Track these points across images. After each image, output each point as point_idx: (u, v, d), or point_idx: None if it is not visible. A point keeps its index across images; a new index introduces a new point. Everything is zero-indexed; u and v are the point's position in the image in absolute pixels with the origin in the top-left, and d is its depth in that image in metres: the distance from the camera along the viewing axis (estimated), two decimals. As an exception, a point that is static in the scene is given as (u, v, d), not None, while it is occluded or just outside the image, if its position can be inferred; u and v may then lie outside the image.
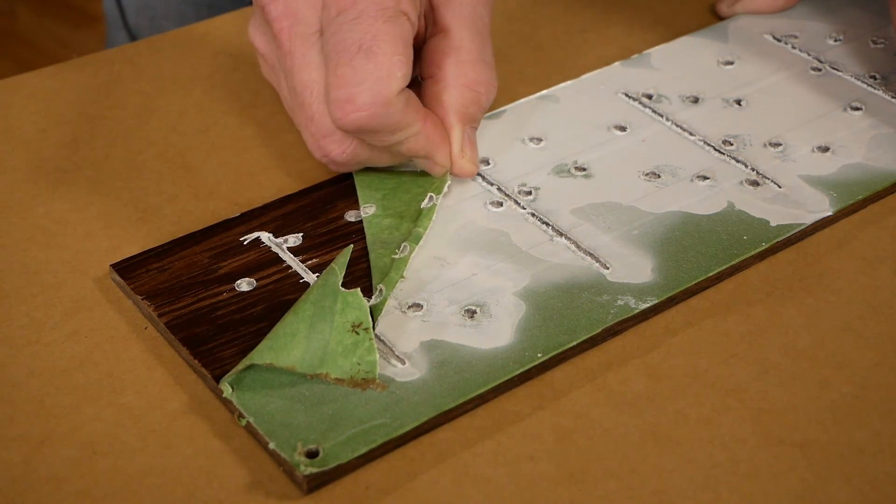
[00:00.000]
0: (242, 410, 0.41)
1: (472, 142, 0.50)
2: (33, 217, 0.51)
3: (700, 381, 0.43)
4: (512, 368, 0.42)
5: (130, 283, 0.46)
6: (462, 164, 0.50)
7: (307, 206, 0.50)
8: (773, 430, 0.41)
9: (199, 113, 0.57)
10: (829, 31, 0.62)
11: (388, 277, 0.45)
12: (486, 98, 0.50)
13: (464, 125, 0.49)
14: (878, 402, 0.42)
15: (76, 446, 0.40)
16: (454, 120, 0.49)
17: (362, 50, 0.45)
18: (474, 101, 0.50)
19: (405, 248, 0.47)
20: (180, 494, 0.39)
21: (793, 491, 0.39)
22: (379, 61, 0.45)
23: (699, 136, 0.54)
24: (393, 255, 0.47)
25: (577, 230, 0.49)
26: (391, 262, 0.46)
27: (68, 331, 0.45)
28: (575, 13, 0.64)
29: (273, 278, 0.46)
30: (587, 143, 0.54)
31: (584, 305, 0.45)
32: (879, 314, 0.46)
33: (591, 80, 0.58)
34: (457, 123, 0.49)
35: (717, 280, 0.47)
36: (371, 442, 0.40)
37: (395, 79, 0.45)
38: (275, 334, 0.42)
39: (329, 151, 0.48)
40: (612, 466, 0.40)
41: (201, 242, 0.48)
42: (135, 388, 0.43)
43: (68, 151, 0.54)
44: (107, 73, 0.60)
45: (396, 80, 0.45)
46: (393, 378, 0.42)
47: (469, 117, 0.50)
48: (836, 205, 0.50)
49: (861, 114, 0.56)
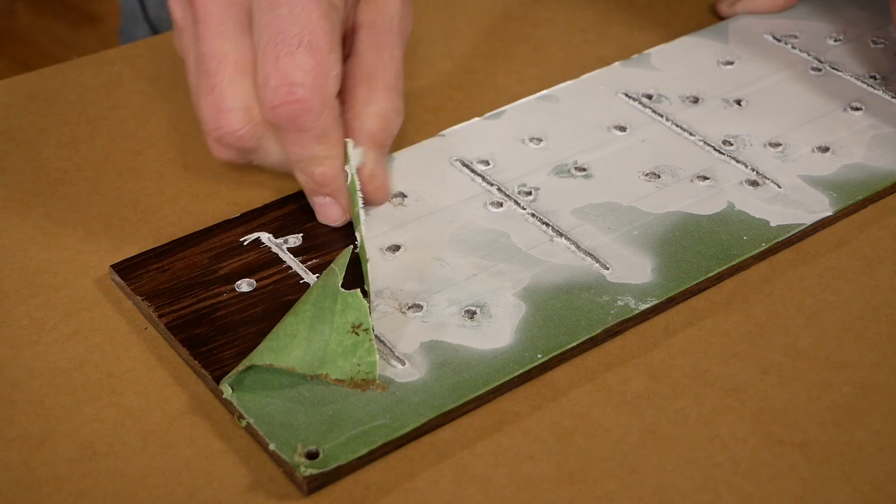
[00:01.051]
0: (242, 411, 0.41)
1: (383, 166, 0.50)
2: (33, 217, 0.51)
3: (700, 381, 0.43)
4: (512, 369, 0.42)
5: (130, 284, 0.46)
6: (372, 191, 0.49)
7: (307, 207, 0.50)
8: (773, 430, 0.41)
9: (199, 113, 0.57)
10: (829, 31, 0.62)
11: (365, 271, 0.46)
12: (395, 125, 0.50)
13: (374, 151, 0.49)
14: (878, 402, 0.42)
15: (76, 446, 0.40)
16: (366, 145, 0.49)
17: (303, 44, 0.45)
18: (383, 128, 0.49)
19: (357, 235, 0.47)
20: (180, 494, 0.39)
21: (793, 491, 0.39)
22: (320, 58, 0.45)
23: (699, 136, 0.54)
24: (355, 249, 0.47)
25: (577, 230, 0.49)
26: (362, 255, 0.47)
27: (68, 331, 0.45)
28: (575, 13, 0.64)
29: (273, 279, 0.46)
30: (587, 144, 0.54)
31: (584, 306, 0.45)
32: (879, 314, 0.46)
33: (591, 80, 0.58)
34: (368, 148, 0.49)
35: (717, 280, 0.47)
36: (371, 443, 0.40)
37: (332, 77, 0.45)
38: (275, 335, 0.42)
39: (225, 125, 0.46)
40: (612, 466, 0.40)
41: (201, 243, 0.48)
42: (135, 389, 0.43)
43: (68, 151, 0.54)
44: (107, 73, 0.60)
45: (333, 79, 0.45)
46: (393, 379, 0.42)
47: (378, 142, 0.49)
48: (836, 205, 0.50)
49: (861, 114, 0.56)
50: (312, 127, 0.46)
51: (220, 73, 0.46)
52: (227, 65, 0.46)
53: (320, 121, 0.45)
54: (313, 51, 0.45)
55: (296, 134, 0.46)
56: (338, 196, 0.48)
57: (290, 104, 0.45)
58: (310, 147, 0.46)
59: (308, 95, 0.45)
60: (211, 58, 0.46)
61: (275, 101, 0.45)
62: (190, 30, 0.48)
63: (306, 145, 0.46)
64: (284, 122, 0.46)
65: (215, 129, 0.47)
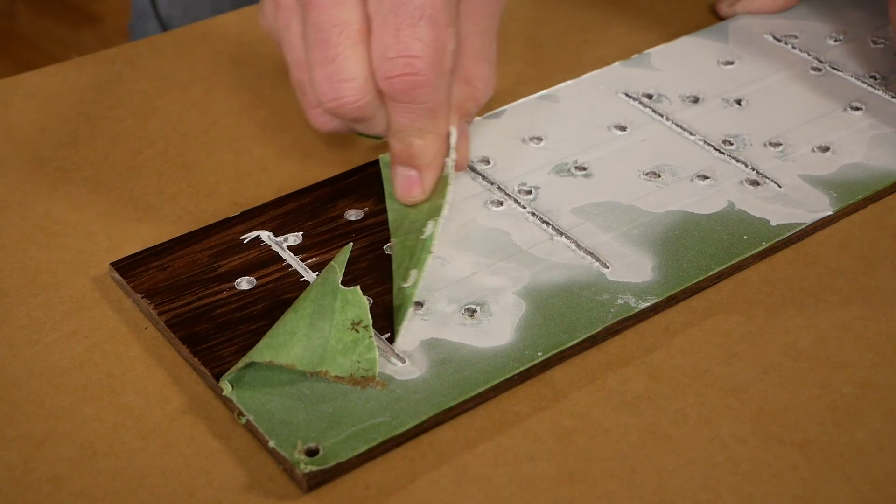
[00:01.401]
0: (242, 409, 0.41)
1: (465, 135, 0.50)
2: (33, 217, 0.51)
3: (700, 381, 0.43)
4: (512, 367, 0.42)
5: (130, 282, 0.46)
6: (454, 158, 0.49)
7: (307, 205, 0.50)
8: (773, 430, 0.41)
9: (199, 113, 0.57)
10: (829, 31, 0.62)
11: (417, 258, 0.45)
12: (484, 95, 0.50)
13: (459, 119, 0.49)
14: (878, 402, 0.42)
15: (76, 446, 0.40)
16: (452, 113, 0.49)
17: (425, 17, 0.44)
18: (471, 97, 0.49)
19: (429, 225, 0.46)
20: (180, 494, 0.39)
21: (793, 491, 0.39)
22: (439, 32, 0.44)
23: (699, 135, 0.54)
24: (420, 235, 0.46)
25: (577, 229, 0.49)
26: (417, 243, 0.46)
27: (68, 331, 0.45)
28: (575, 13, 0.64)
29: (273, 277, 0.46)
30: (587, 143, 0.54)
31: (584, 304, 0.45)
32: (879, 314, 0.46)
33: (591, 80, 0.58)
34: (453, 117, 0.49)
35: (717, 280, 0.47)
36: (371, 440, 0.40)
37: (449, 52, 0.45)
38: (274, 332, 0.42)
39: (345, 95, 0.45)
40: (612, 466, 0.40)
41: (201, 241, 0.48)
42: (135, 388, 0.43)
43: (68, 151, 0.54)
44: (107, 73, 0.60)
45: (450, 53, 0.45)
46: (393, 376, 0.42)
47: (464, 111, 0.49)
48: (836, 205, 0.50)
49: (861, 114, 0.56)
50: (426, 100, 0.45)
51: (342, 43, 0.45)
52: (349, 34, 0.45)
53: (438, 92, 0.45)
54: (434, 24, 0.44)
55: (406, 105, 0.46)
56: (425, 173, 0.48)
57: (407, 76, 0.44)
58: (418, 119, 0.46)
59: (426, 69, 0.44)
60: (331, 27, 0.45)
61: (393, 71, 0.44)
62: (291, 6, 0.47)
63: (415, 117, 0.46)
64: (399, 93, 0.45)
65: (333, 99, 0.46)
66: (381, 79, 0.45)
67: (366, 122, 0.47)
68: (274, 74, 0.59)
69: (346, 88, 0.45)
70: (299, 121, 0.56)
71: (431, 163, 0.48)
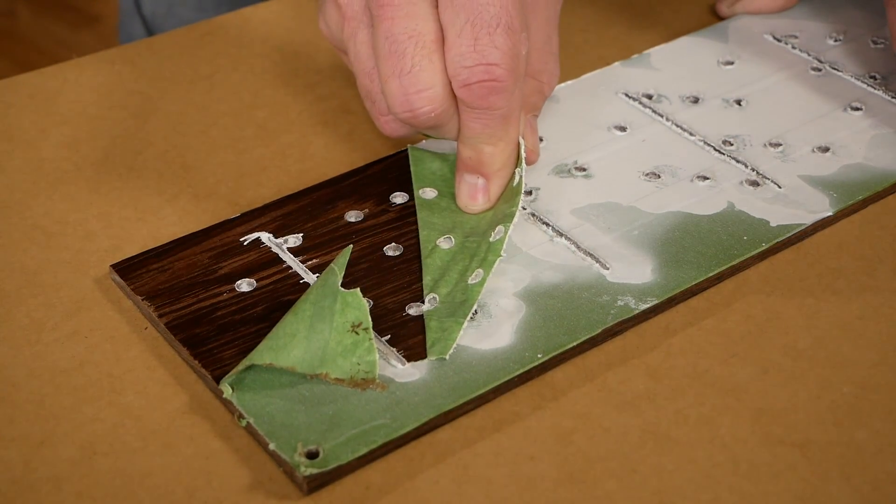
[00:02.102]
0: (242, 411, 0.41)
1: (533, 129, 0.50)
2: (33, 217, 0.51)
3: (700, 381, 0.43)
4: (512, 369, 0.42)
5: (130, 284, 0.46)
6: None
7: (307, 207, 0.50)
8: (773, 430, 0.41)
9: (199, 113, 0.57)
10: (829, 31, 0.62)
11: (483, 259, 0.45)
12: (549, 88, 0.50)
13: (526, 113, 0.49)
14: (878, 402, 0.42)
15: (76, 446, 0.40)
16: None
17: (501, 25, 0.44)
18: (537, 90, 0.49)
19: (500, 230, 0.46)
20: (180, 494, 0.39)
21: (793, 491, 0.39)
22: (515, 39, 0.45)
23: (699, 136, 0.54)
24: (488, 238, 0.46)
25: (577, 230, 0.49)
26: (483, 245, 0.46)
27: (68, 331, 0.45)
28: (575, 13, 0.64)
29: (273, 279, 0.46)
30: (587, 143, 0.54)
31: (584, 306, 0.45)
32: (879, 314, 0.46)
33: (591, 80, 0.58)
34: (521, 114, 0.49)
35: (717, 280, 0.47)
36: (371, 442, 0.40)
37: (523, 58, 0.45)
38: (275, 334, 0.42)
39: (421, 106, 0.46)
40: (612, 466, 0.40)
41: (201, 243, 0.48)
42: (135, 388, 0.43)
43: (68, 151, 0.54)
44: (107, 73, 0.60)
45: (523, 59, 0.45)
46: (393, 378, 0.42)
47: (531, 106, 0.50)
48: (836, 205, 0.50)
49: (861, 114, 0.56)
50: (502, 106, 0.46)
51: (417, 54, 0.45)
52: (424, 44, 0.45)
53: (509, 101, 0.46)
54: (510, 31, 0.45)
55: (482, 111, 0.46)
56: (493, 181, 0.48)
57: (486, 82, 0.45)
58: (491, 125, 0.46)
59: (504, 75, 0.45)
60: (406, 38, 0.45)
61: (472, 79, 0.45)
62: (358, 16, 0.47)
63: (489, 122, 0.46)
64: (476, 100, 0.45)
65: (408, 110, 0.46)
66: (459, 86, 0.45)
67: (439, 129, 0.47)
68: (274, 75, 0.59)
69: (423, 98, 0.45)
70: (299, 121, 0.56)
71: (500, 170, 0.48)
